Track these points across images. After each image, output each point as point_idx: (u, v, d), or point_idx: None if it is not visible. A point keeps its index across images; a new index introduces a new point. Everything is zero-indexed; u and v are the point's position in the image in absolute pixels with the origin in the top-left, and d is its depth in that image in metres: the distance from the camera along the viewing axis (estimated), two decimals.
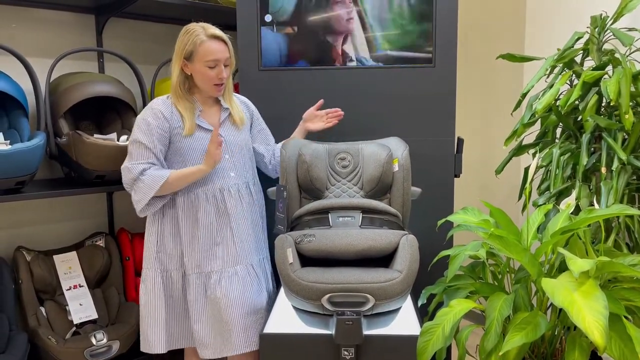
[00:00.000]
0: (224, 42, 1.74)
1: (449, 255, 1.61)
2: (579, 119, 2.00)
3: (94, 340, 1.99)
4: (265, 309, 1.81)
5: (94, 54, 2.45)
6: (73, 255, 2.26)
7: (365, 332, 1.44)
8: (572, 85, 2.09)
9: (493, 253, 1.62)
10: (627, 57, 1.88)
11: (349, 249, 1.56)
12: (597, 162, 1.89)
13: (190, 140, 1.76)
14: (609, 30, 1.94)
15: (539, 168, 2.07)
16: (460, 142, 2.09)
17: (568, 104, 1.86)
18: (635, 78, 1.81)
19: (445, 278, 1.68)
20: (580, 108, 1.94)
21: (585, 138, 1.86)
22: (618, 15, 1.94)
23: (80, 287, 2.21)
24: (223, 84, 1.78)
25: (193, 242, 1.78)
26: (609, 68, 1.91)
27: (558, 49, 2.06)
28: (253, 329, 1.78)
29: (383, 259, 1.61)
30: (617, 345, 1.26)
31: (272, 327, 1.52)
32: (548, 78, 2.13)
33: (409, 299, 1.68)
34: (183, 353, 1.97)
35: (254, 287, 1.81)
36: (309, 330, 1.48)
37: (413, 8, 2.02)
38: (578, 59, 2.08)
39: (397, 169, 1.80)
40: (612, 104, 1.75)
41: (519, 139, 2.17)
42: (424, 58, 2.05)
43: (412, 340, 1.42)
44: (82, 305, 2.17)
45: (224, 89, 1.81)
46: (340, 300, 1.48)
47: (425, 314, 1.81)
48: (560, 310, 1.47)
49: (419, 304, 1.73)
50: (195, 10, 2.42)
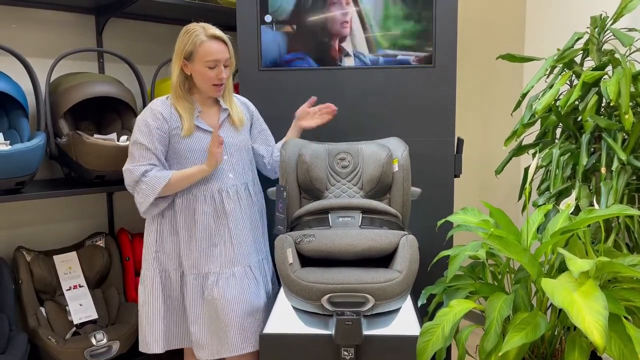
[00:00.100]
0: (224, 42, 1.74)
1: (449, 256, 1.61)
2: (579, 119, 2.00)
3: (94, 341, 1.99)
4: (263, 310, 1.81)
5: (94, 55, 2.45)
6: (73, 256, 2.26)
7: (365, 332, 1.44)
8: (572, 86, 2.09)
9: (493, 253, 1.62)
10: (627, 57, 1.88)
11: (349, 249, 1.56)
12: (597, 162, 1.89)
13: (189, 141, 1.76)
14: (609, 31, 1.94)
15: (539, 168, 2.07)
16: (460, 142, 2.09)
17: (568, 104, 1.86)
18: (635, 78, 1.81)
19: (445, 278, 1.68)
20: (580, 108, 1.94)
21: (585, 138, 1.86)
22: (618, 16, 1.94)
23: (80, 287, 2.21)
24: (223, 85, 1.78)
25: (191, 242, 1.78)
26: (609, 68, 1.91)
27: (558, 49, 2.06)
28: (250, 330, 1.77)
29: (383, 259, 1.61)
30: (616, 346, 1.26)
31: (272, 327, 1.52)
32: (548, 78, 2.13)
33: (409, 299, 1.68)
34: (183, 354, 1.97)
35: (252, 288, 1.80)
36: (309, 331, 1.48)
37: (413, 8, 2.03)
38: (578, 59, 2.08)
39: (397, 169, 1.80)
40: (612, 104, 1.76)
41: (519, 139, 2.17)
42: (424, 58, 2.05)
43: (412, 341, 1.42)
44: (82, 306, 2.17)
45: (224, 90, 1.81)
46: (340, 301, 1.48)
47: (425, 314, 1.81)
48: (560, 311, 1.47)
49: (419, 304, 1.73)
50: (195, 11, 2.42)
